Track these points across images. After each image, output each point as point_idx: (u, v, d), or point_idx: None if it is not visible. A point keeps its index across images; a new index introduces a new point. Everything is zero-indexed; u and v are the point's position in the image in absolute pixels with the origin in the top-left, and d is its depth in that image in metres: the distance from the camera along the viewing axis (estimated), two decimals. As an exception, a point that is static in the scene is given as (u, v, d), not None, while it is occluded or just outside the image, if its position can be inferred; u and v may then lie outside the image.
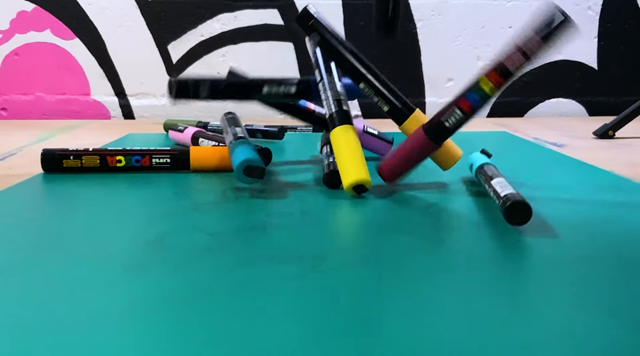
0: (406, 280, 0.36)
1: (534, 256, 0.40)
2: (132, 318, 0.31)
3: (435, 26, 1.30)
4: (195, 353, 0.27)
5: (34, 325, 0.30)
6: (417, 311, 0.32)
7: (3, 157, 0.82)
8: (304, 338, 0.28)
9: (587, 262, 0.39)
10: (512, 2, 1.29)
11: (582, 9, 1.30)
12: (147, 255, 0.40)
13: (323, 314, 0.31)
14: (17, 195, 0.58)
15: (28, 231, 0.46)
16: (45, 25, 1.26)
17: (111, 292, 0.34)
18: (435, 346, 0.28)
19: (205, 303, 0.32)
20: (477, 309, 0.32)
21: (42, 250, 0.41)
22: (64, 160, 0.66)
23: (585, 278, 0.36)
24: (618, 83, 1.34)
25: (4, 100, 1.28)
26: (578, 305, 0.32)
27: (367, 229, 0.47)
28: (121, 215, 0.51)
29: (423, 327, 0.30)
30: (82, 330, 0.29)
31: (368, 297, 0.33)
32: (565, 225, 0.47)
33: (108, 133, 1.02)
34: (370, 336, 0.29)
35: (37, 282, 0.36)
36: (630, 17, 1.31)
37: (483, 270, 0.38)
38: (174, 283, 0.35)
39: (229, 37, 1.28)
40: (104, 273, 0.37)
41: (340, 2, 1.28)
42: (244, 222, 0.48)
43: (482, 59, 1.31)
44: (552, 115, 1.33)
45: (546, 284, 0.35)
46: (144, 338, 0.28)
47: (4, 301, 0.33)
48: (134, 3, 1.26)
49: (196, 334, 0.29)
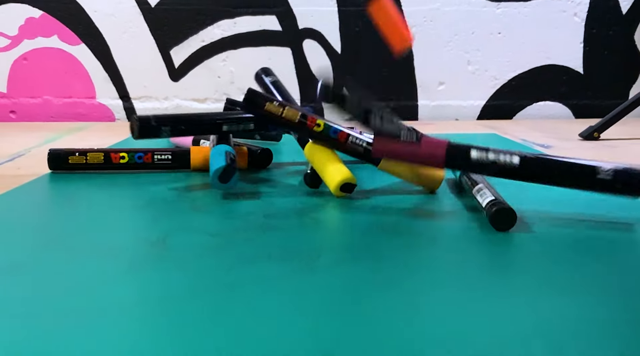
0: (398, 276, 0.36)
1: (520, 252, 0.41)
2: (136, 314, 0.31)
3: (428, 32, 1.30)
4: (196, 347, 0.27)
5: (42, 320, 0.30)
6: (409, 305, 0.32)
7: (12, 158, 0.82)
8: (301, 332, 0.29)
9: (566, 256, 0.39)
10: (501, 9, 1.30)
11: (568, 15, 1.30)
12: (151, 254, 0.40)
13: (319, 309, 0.31)
14: (25, 194, 0.58)
15: (35, 229, 0.47)
16: (53, 31, 1.26)
17: (116, 289, 0.34)
18: (427, 337, 0.28)
19: (206, 300, 0.33)
20: (465, 301, 0.32)
21: (49, 248, 0.41)
22: (70, 156, 0.67)
23: (562, 270, 0.37)
24: (603, 87, 1.34)
25: (13, 103, 1.28)
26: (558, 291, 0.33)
27: (360, 229, 0.47)
28: (125, 215, 0.51)
29: (414, 320, 0.30)
30: (89, 324, 0.30)
31: (361, 292, 0.34)
32: (548, 223, 0.48)
33: (113, 135, 1.02)
34: (363, 329, 0.29)
35: (45, 279, 0.36)
36: (614, 24, 1.31)
37: (471, 265, 0.38)
38: (176, 281, 0.36)
39: (229, 43, 1.29)
40: (109, 270, 0.37)
41: (336, 9, 1.28)
42: (242, 222, 0.48)
43: (472, 63, 1.31)
44: (539, 117, 1.34)
45: (527, 276, 0.36)
46: (148, 332, 0.29)
47: (13, 297, 0.33)
48: (138, 10, 1.26)
49: (197, 329, 0.29)
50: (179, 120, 0.63)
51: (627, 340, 0.28)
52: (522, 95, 1.34)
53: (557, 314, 0.31)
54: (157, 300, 0.33)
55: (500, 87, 1.33)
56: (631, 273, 0.37)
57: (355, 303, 0.32)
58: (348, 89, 0.57)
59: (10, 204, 0.55)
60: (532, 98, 1.34)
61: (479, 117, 1.34)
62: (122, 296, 0.33)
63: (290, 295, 0.33)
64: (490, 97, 1.33)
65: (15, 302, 0.33)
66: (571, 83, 1.34)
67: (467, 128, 1.16)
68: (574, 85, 1.34)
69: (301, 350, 0.27)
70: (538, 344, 0.28)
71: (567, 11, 1.31)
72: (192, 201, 0.55)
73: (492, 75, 1.33)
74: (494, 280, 0.36)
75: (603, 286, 0.35)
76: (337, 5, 1.28)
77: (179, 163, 0.68)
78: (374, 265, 0.38)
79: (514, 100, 1.34)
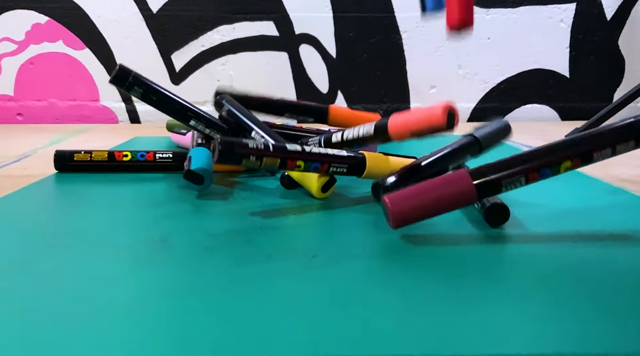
0: (394, 273, 0.36)
1: (510, 251, 0.41)
2: (137, 312, 0.31)
3: (419, 37, 1.30)
4: (196, 345, 0.27)
5: (47, 316, 0.30)
6: (405, 301, 0.32)
7: (19, 158, 0.82)
8: (300, 328, 0.29)
9: (555, 255, 0.40)
10: (491, 16, 1.30)
11: (555, 21, 1.31)
12: (152, 253, 0.40)
13: (317, 306, 0.31)
14: (31, 194, 0.58)
15: (41, 228, 0.47)
16: (58, 37, 1.26)
17: (119, 287, 0.34)
18: (426, 336, 0.28)
19: (206, 297, 0.33)
20: (465, 300, 0.32)
21: (54, 246, 0.41)
22: (75, 153, 0.67)
23: (550, 267, 0.37)
24: (588, 90, 1.34)
25: (19, 106, 1.28)
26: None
27: (356, 228, 0.47)
28: (128, 214, 0.51)
29: (411, 316, 0.30)
30: (92, 321, 0.30)
31: (359, 289, 0.34)
32: (536, 221, 0.48)
33: (116, 137, 1.02)
34: (363, 328, 0.29)
35: (50, 277, 0.36)
36: (599, 29, 1.31)
37: (465, 262, 0.38)
38: (177, 279, 0.36)
39: (228, 47, 1.29)
40: (112, 269, 0.37)
41: (331, 15, 1.28)
42: (242, 222, 0.48)
43: (462, 67, 1.32)
44: (527, 119, 1.34)
45: (519, 274, 0.36)
46: (149, 329, 0.29)
47: (19, 294, 0.33)
48: (140, 16, 1.26)
49: (197, 328, 0.29)
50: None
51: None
52: (510, 98, 1.34)
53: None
54: (158, 297, 0.33)
55: (489, 90, 1.33)
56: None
57: (354, 301, 0.32)
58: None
59: (17, 203, 0.55)
60: (520, 101, 1.34)
61: (469, 119, 1.34)
62: (125, 293, 0.33)
63: (289, 292, 0.33)
64: (480, 100, 1.34)
65: (21, 299, 0.33)
66: (558, 86, 1.34)
67: (457, 130, 1.16)
68: (561, 89, 1.34)
69: (301, 349, 0.27)
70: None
71: (553, 17, 1.31)
72: (193, 201, 0.55)
73: (482, 79, 1.33)
74: (487, 278, 0.36)
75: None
76: (332, 11, 1.28)
77: (180, 162, 0.67)
78: (370, 262, 0.38)
79: (502, 102, 1.34)
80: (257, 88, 1.29)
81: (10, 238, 0.44)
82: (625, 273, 0.36)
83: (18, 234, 0.45)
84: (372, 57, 1.30)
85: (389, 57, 1.31)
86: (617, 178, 0.66)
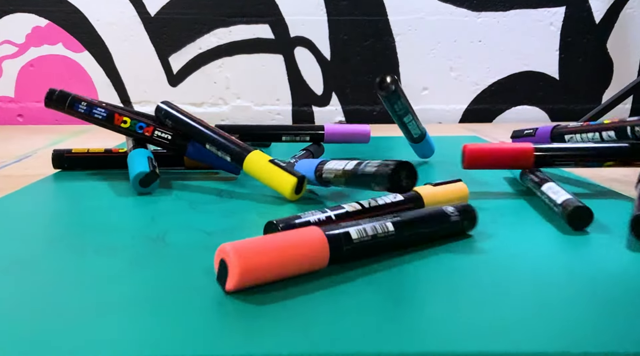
0: (393, 272, 0.37)
1: (503, 252, 0.41)
2: (136, 310, 0.31)
3: (412, 40, 1.31)
4: (197, 344, 0.28)
5: (47, 315, 0.30)
6: (404, 299, 0.32)
7: (19, 159, 0.82)
8: (300, 330, 0.29)
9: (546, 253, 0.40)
10: (482, 19, 1.30)
11: (544, 24, 1.31)
12: (150, 251, 0.41)
13: (317, 307, 0.32)
14: (31, 193, 0.58)
15: (41, 227, 0.47)
16: (58, 39, 1.26)
17: (118, 285, 0.35)
18: (425, 334, 0.29)
19: (204, 296, 0.33)
20: (463, 300, 0.33)
21: (54, 245, 0.42)
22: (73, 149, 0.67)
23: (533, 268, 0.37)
24: (577, 92, 1.35)
25: (20, 107, 1.28)
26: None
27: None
28: (126, 213, 0.51)
29: (409, 313, 0.31)
30: (92, 319, 0.30)
31: (358, 288, 0.34)
32: (525, 221, 0.48)
33: (114, 137, 1.02)
34: (362, 327, 0.29)
35: (50, 274, 0.36)
36: (588, 33, 1.32)
37: (464, 260, 0.39)
38: (174, 278, 0.36)
39: (224, 50, 1.29)
40: (110, 267, 0.37)
41: (325, 18, 1.28)
42: (238, 221, 0.49)
43: (454, 69, 1.32)
44: (518, 120, 1.35)
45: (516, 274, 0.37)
46: (147, 328, 0.29)
47: (19, 294, 0.33)
48: (139, 19, 1.26)
49: (197, 327, 0.29)
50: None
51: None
52: (501, 100, 1.35)
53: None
54: (156, 295, 0.33)
55: (480, 92, 1.34)
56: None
57: (352, 298, 0.33)
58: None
59: (18, 203, 0.55)
60: (511, 103, 1.35)
61: (461, 120, 1.35)
62: (123, 291, 0.33)
63: (289, 294, 0.34)
64: (472, 102, 1.34)
65: (22, 297, 0.33)
66: (547, 88, 1.35)
67: (449, 131, 1.17)
68: (550, 90, 1.35)
69: (300, 348, 0.27)
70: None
71: (543, 21, 1.31)
72: (190, 200, 0.55)
73: (473, 81, 1.33)
74: (484, 276, 0.36)
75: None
76: (326, 14, 1.28)
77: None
78: (368, 261, 0.39)
79: (494, 104, 1.35)
80: (253, 90, 1.30)
81: (11, 237, 0.44)
82: (614, 272, 0.37)
83: (18, 233, 0.45)
84: (365, 60, 1.31)
85: (382, 60, 1.31)
86: (606, 178, 0.67)
